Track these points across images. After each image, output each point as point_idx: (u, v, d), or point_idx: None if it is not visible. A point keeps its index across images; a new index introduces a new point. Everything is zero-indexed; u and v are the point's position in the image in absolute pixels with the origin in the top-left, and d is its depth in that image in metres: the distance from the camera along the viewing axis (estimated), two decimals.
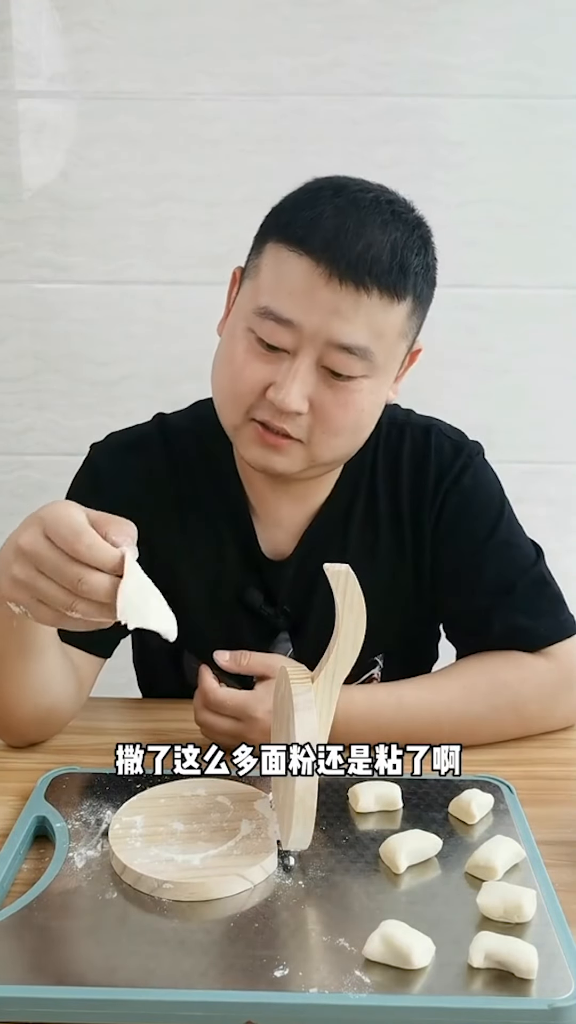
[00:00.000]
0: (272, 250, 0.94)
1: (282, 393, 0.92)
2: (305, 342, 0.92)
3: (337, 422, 0.95)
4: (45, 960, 0.70)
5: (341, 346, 0.92)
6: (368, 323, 0.92)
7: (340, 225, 0.91)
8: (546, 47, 1.73)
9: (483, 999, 0.67)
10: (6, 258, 1.81)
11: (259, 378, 0.94)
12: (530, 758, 1.02)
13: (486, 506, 1.10)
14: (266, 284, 0.94)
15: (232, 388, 0.97)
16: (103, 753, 1.01)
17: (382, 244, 0.91)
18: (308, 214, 0.93)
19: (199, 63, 1.73)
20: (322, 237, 0.91)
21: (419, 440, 1.10)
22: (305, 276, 0.91)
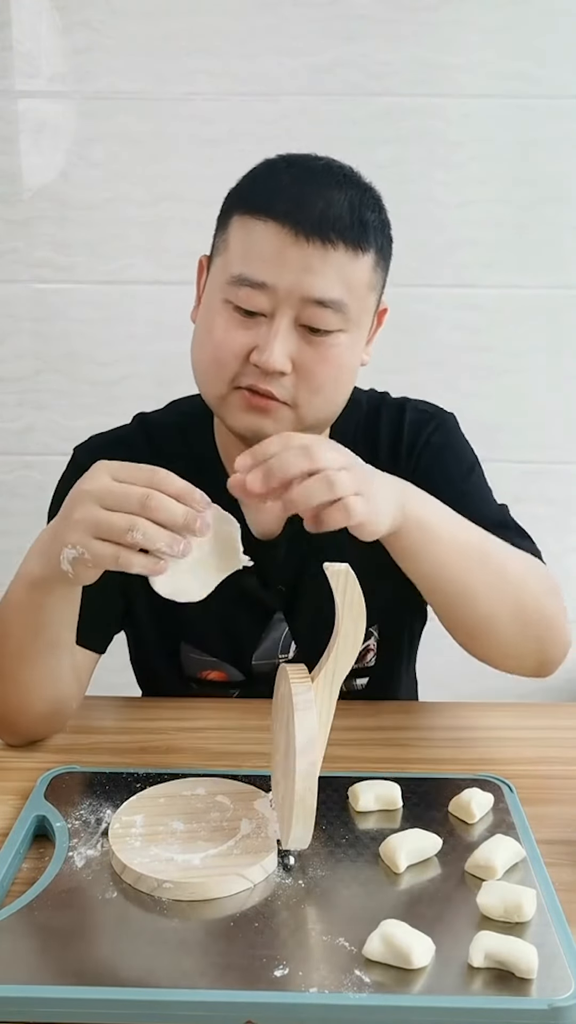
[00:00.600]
0: (237, 222, 0.98)
1: (266, 354, 0.95)
2: (281, 302, 0.95)
3: (319, 378, 0.98)
4: (45, 960, 0.70)
5: (316, 300, 0.95)
6: (338, 276, 0.95)
7: (300, 188, 0.96)
8: (546, 47, 1.73)
9: (483, 999, 0.67)
10: (6, 258, 1.82)
11: (241, 344, 0.97)
12: (530, 758, 1.02)
13: (458, 459, 1.14)
14: (236, 254, 0.97)
15: (215, 357, 0.99)
16: (103, 752, 1.01)
17: (341, 202, 0.96)
18: (268, 184, 0.99)
19: (199, 63, 1.73)
20: (285, 200, 0.95)
21: (394, 415, 1.14)
22: (273, 238, 0.95)
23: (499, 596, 1.00)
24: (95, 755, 1.00)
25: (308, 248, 0.94)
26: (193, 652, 1.16)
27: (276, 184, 0.98)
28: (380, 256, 1.00)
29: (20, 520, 1.93)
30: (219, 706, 1.13)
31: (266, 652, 1.14)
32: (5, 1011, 0.66)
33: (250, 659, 1.14)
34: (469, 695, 1.19)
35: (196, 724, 1.07)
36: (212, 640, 1.15)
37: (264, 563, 1.10)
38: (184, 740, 1.04)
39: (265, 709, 0.93)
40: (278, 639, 1.14)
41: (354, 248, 0.96)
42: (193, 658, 1.16)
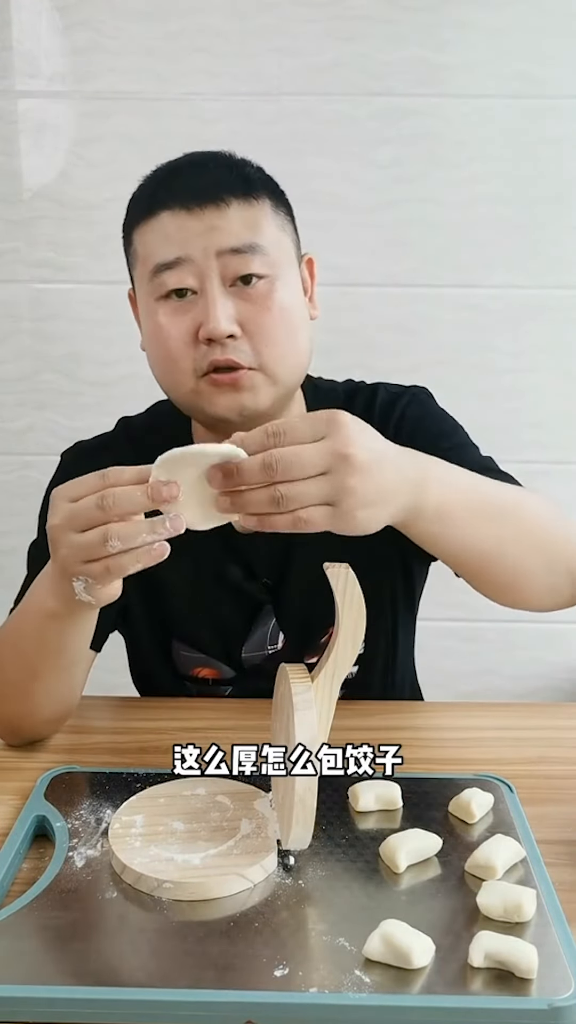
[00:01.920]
0: (136, 235, 1.03)
1: (211, 323, 0.96)
2: (202, 270, 0.97)
3: (268, 328, 0.98)
4: (45, 960, 0.70)
5: (231, 250, 0.97)
6: (242, 223, 0.98)
7: (177, 176, 1.01)
8: (546, 47, 1.73)
9: (483, 999, 0.67)
10: (6, 258, 1.82)
11: (185, 329, 0.98)
12: (530, 757, 1.02)
13: (438, 423, 1.13)
14: (144, 255, 1.01)
15: (169, 352, 0.99)
16: (103, 752, 1.01)
17: (220, 169, 1.01)
18: (146, 191, 1.03)
19: (199, 63, 1.73)
20: (167, 191, 0.99)
21: (368, 397, 1.14)
22: (170, 222, 0.98)
23: (524, 546, 0.96)
24: (95, 755, 1.00)
25: (205, 214, 0.97)
26: (184, 649, 1.16)
27: (154, 187, 1.02)
28: (276, 200, 1.02)
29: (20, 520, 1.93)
30: (218, 706, 1.13)
31: (255, 644, 1.15)
32: (5, 1011, 0.66)
33: (238, 651, 1.15)
34: (469, 695, 1.19)
35: (196, 724, 1.07)
36: (201, 636, 1.15)
37: (248, 555, 1.12)
38: (184, 740, 1.03)
39: (263, 709, 0.93)
40: (266, 631, 1.15)
41: (246, 198, 0.98)
42: (184, 655, 1.17)
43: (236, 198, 0.98)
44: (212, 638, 1.15)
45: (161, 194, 1.00)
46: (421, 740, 1.05)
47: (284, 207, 1.05)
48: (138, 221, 1.02)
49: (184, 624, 1.15)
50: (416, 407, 1.13)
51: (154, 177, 1.05)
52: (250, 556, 1.12)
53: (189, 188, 0.98)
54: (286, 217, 1.04)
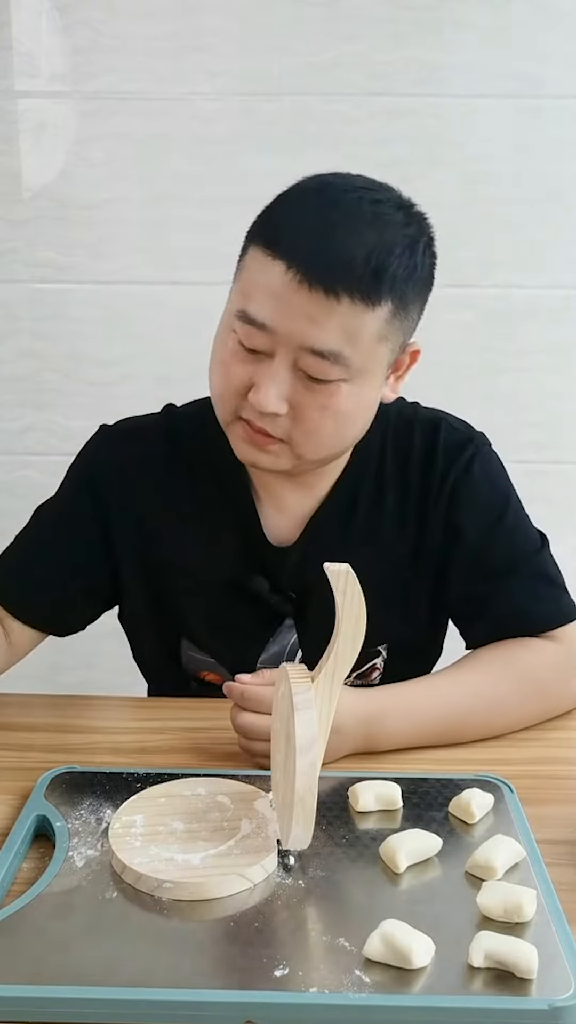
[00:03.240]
0: (252, 253, 0.95)
1: (260, 395, 0.93)
2: (280, 345, 0.93)
3: (315, 423, 0.96)
4: (45, 960, 0.70)
5: (313, 351, 0.92)
6: (341, 328, 0.91)
7: (315, 230, 0.91)
8: (546, 47, 1.73)
9: (483, 999, 0.67)
10: (6, 258, 1.81)
11: (242, 379, 0.96)
12: (530, 758, 1.02)
13: (493, 494, 1.12)
14: (246, 287, 0.95)
15: (220, 388, 0.99)
16: (103, 752, 1.01)
17: (356, 249, 0.91)
18: (287, 218, 0.94)
19: (199, 63, 1.73)
20: (296, 242, 0.91)
21: (428, 434, 1.11)
22: (278, 280, 0.91)
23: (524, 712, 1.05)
24: (95, 755, 1.00)
25: (312, 296, 0.90)
26: (193, 650, 1.16)
27: (294, 219, 0.93)
28: (399, 305, 0.94)
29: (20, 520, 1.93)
30: (219, 706, 1.13)
31: (273, 657, 1.13)
32: (5, 1011, 0.66)
33: (253, 663, 1.13)
34: None
35: (196, 724, 1.07)
36: (212, 640, 1.15)
37: (276, 568, 1.11)
38: (184, 740, 1.04)
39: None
40: (285, 645, 1.13)
41: (363, 301, 0.91)
42: (192, 656, 1.16)
43: (351, 298, 0.90)
44: (226, 645, 1.14)
45: (286, 236, 0.92)
46: None
47: (409, 308, 0.96)
48: (257, 242, 0.95)
49: (198, 627, 1.14)
50: (479, 468, 1.11)
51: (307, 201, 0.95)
52: (278, 569, 1.11)
53: (316, 254, 0.90)
54: (404, 320, 0.96)
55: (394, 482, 1.11)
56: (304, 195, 0.96)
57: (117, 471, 1.12)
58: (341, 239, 0.91)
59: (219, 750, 1.02)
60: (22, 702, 1.16)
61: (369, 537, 1.10)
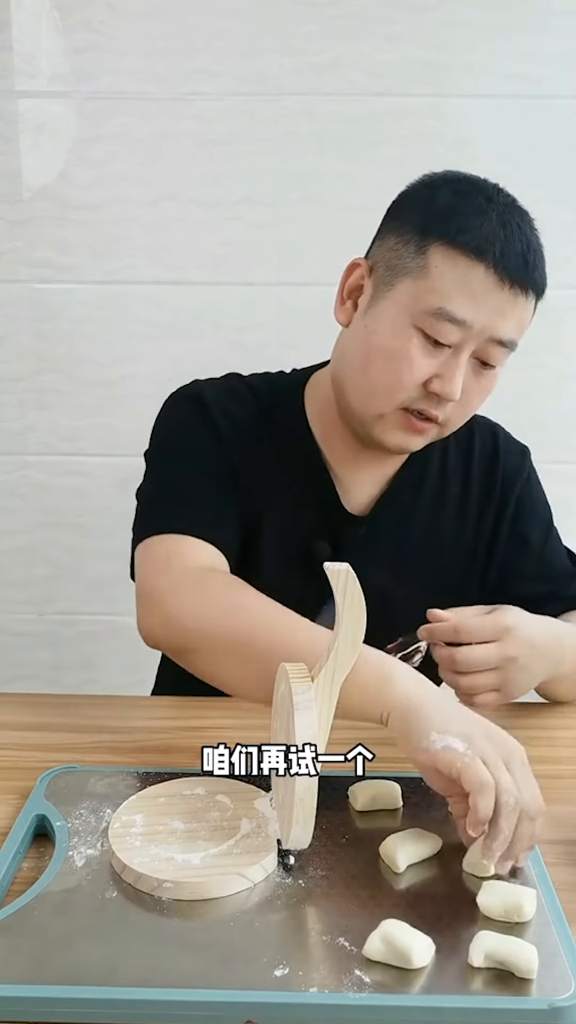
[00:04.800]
0: (441, 253, 1.01)
1: (451, 386, 1.02)
2: (471, 338, 1.02)
3: (474, 404, 1.09)
4: (45, 960, 0.70)
5: (500, 341, 1.03)
6: (518, 319, 1.04)
7: (502, 232, 1.01)
8: (546, 47, 1.73)
9: (483, 999, 0.67)
10: (6, 258, 1.81)
11: (426, 372, 1.03)
12: (530, 757, 1.02)
13: (544, 506, 1.27)
14: (441, 287, 1.01)
15: (397, 381, 1.04)
16: (103, 751, 1.01)
17: (529, 247, 1.03)
18: (473, 220, 1.01)
19: (199, 63, 1.73)
20: (495, 244, 1.00)
21: (488, 439, 1.24)
22: (482, 281, 1.00)
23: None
24: (95, 755, 1.00)
25: (506, 293, 1.01)
26: None
27: (486, 224, 1.01)
28: (540, 295, 1.08)
29: (20, 520, 1.93)
30: (219, 705, 1.13)
31: (325, 622, 1.14)
32: (5, 1011, 0.66)
33: None
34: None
35: (196, 724, 1.07)
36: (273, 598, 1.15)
37: (343, 535, 1.15)
38: (184, 740, 1.04)
39: (265, 709, 0.93)
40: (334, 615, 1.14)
41: (536, 293, 1.05)
42: None
43: (528, 291, 1.03)
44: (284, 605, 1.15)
45: (488, 241, 1.00)
46: None
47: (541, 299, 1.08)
48: (453, 243, 1.01)
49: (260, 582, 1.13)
50: (536, 479, 1.26)
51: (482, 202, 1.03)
52: (345, 536, 1.16)
53: (514, 258, 1.01)
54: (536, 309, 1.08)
55: (456, 475, 1.21)
56: (467, 193, 1.05)
57: (226, 413, 1.14)
58: (520, 240, 1.02)
59: None
60: (22, 702, 1.16)
61: (432, 521, 1.20)
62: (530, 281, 1.03)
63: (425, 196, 1.07)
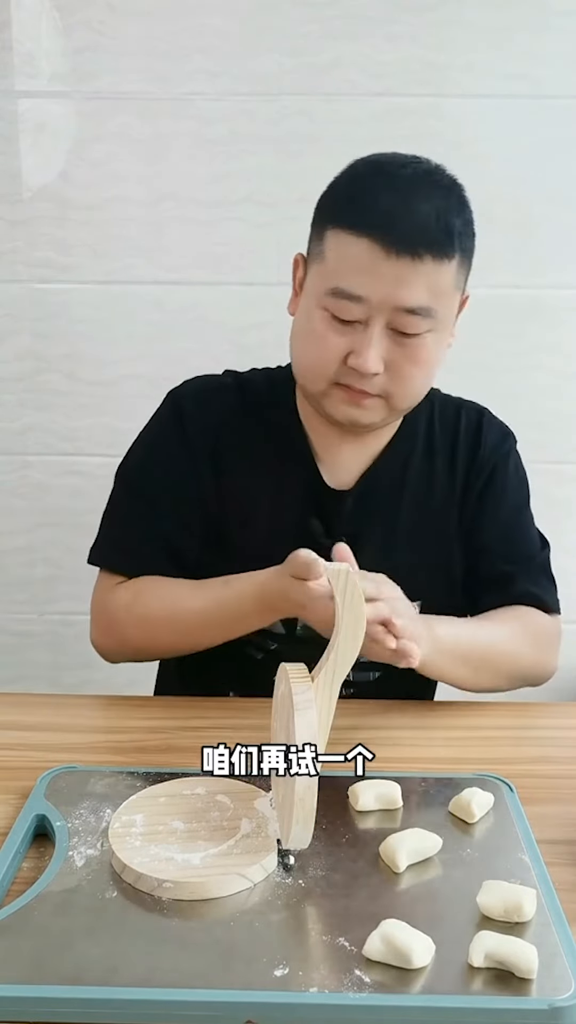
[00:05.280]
0: (333, 236, 1.05)
1: (362, 359, 1.04)
2: (374, 312, 1.04)
3: (408, 375, 1.08)
4: (45, 960, 0.70)
5: (407, 309, 1.03)
6: (426, 285, 1.03)
7: (390, 204, 1.02)
8: (546, 47, 1.73)
9: (483, 999, 0.67)
10: (6, 258, 1.81)
11: (338, 348, 1.06)
12: (530, 757, 1.02)
13: (521, 488, 1.27)
14: (333, 267, 1.05)
15: (316, 359, 1.08)
16: (103, 752, 1.01)
17: (428, 214, 1.03)
18: (359, 199, 1.05)
19: (199, 63, 1.73)
20: (377, 217, 1.02)
21: (474, 418, 1.25)
22: (367, 254, 1.02)
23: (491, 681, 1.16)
24: (95, 755, 1.00)
25: (399, 262, 1.01)
26: None
27: (369, 199, 1.04)
28: (463, 256, 1.07)
29: (20, 520, 1.93)
30: (219, 705, 1.14)
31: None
32: (5, 1011, 0.66)
33: None
34: (469, 695, 1.19)
35: (196, 723, 1.07)
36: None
37: (331, 512, 1.18)
38: (184, 740, 1.04)
39: (264, 708, 0.93)
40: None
41: (440, 257, 1.03)
42: None
43: (432, 255, 1.02)
44: None
45: (367, 215, 1.03)
46: (421, 740, 1.05)
47: (469, 257, 1.09)
48: (339, 224, 1.05)
49: (251, 565, 1.15)
50: (515, 462, 1.26)
51: (374, 181, 1.05)
52: (332, 513, 1.18)
53: (395, 226, 1.01)
54: (466, 270, 1.09)
55: (443, 453, 1.23)
56: (364, 175, 1.07)
57: (203, 419, 1.21)
58: (414, 207, 1.03)
59: None
60: (22, 702, 1.16)
61: (419, 497, 1.21)
62: (432, 245, 1.02)
63: (329, 186, 1.10)
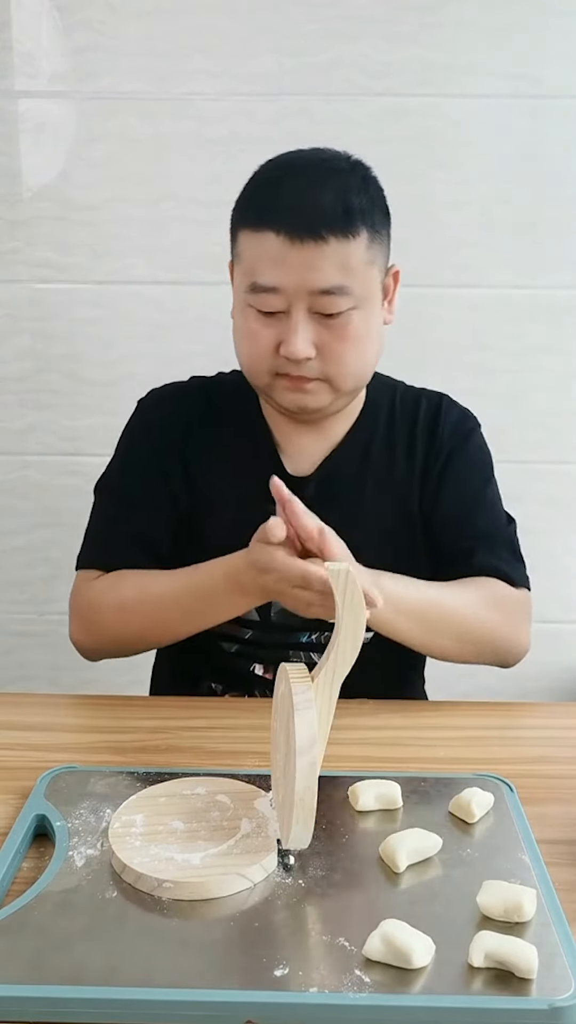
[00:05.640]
0: (243, 236, 1.11)
1: (291, 346, 1.08)
2: (293, 299, 1.08)
3: (340, 354, 1.10)
4: (45, 960, 0.70)
5: (321, 291, 1.07)
6: (335, 265, 1.07)
7: (288, 195, 1.08)
8: (546, 47, 1.73)
9: (483, 999, 0.67)
10: (6, 258, 1.81)
11: (268, 341, 1.10)
12: (530, 757, 1.02)
13: (482, 468, 1.28)
14: (248, 265, 1.10)
15: (252, 354, 1.13)
16: (103, 751, 1.01)
17: (326, 198, 1.07)
18: (263, 196, 1.10)
19: (199, 63, 1.73)
20: (278, 210, 1.07)
21: (433, 403, 1.27)
22: (273, 247, 1.07)
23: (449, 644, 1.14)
24: (95, 755, 1.00)
25: (304, 248, 1.06)
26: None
27: (269, 195, 1.09)
28: (373, 231, 1.10)
29: (20, 520, 1.93)
30: (219, 705, 1.14)
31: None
32: (5, 1011, 0.66)
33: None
34: (467, 695, 1.19)
35: (196, 723, 1.07)
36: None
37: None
38: (184, 740, 1.04)
39: (265, 708, 0.93)
40: None
41: (343, 236, 1.06)
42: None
43: (335, 236, 1.06)
44: None
45: (268, 210, 1.08)
46: (421, 740, 1.05)
47: (381, 231, 1.12)
48: (246, 224, 1.10)
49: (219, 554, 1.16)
50: (475, 441, 1.27)
51: (275, 176, 1.11)
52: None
53: (295, 215, 1.06)
54: (380, 243, 1.11)
55: (403, 440, 1.25)
56: (263, 174, 1.13)
57: (168, 422, 1.25)
58: (312, 194, 1.07)
59: (219, 749, 1.02)
60: (22, 702, 1.16)
61: (382, 484, 1.23)
62: (334, 226, 1.06)
63: (239, 194, 1.15)
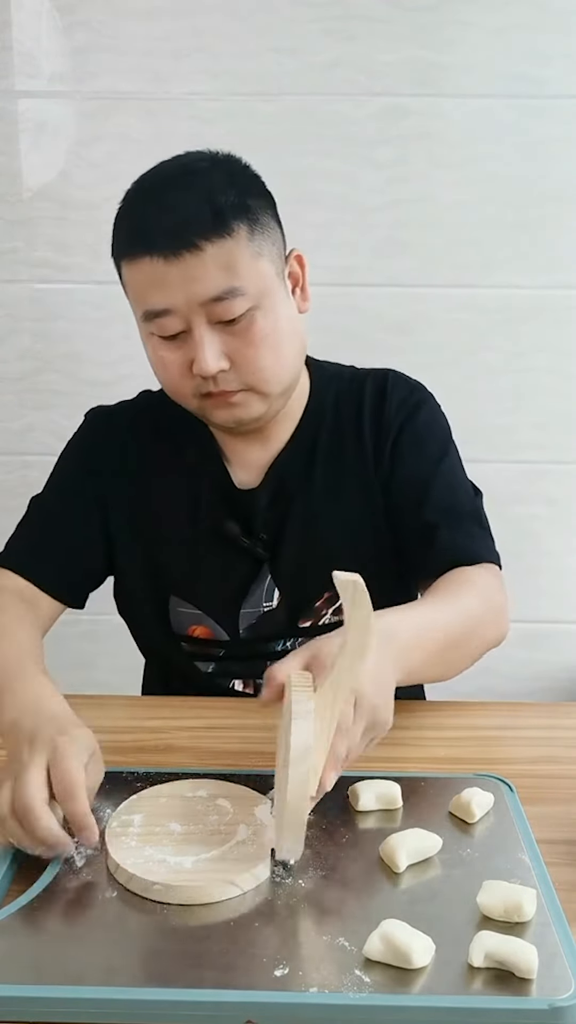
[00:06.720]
0: (124, 268, 1.06)
1: (200, 364, 1.03)
2: (188, 316, 1.03)
3: (254, 357, 1.05)
4: (44, 959, 0.70)
5: (212, 299, 1.01)
6: (218, 269, 1.01)
7: (150, 216, 1.02)
8: (546, 47, 1.73)
9: (483, 999, 0.67)
10: (6, 258, 1.81)
11: (179, 364, 1.06)
12: (530, 757, 1.02)
13: (436, 438, 1.21)
14: (136, 295, 1.06)
15: (170, 380, 1.09)
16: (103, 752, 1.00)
17: (188, 206, 1.01)
18: (129, 224, 1.06)
19: (199, 63, 1.73)
20: (144, 233, 1.02)
21: (378, 383, 1.21)
22: (150, 270, 1.02)
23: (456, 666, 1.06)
24: None
25: (182, 262, 1.00)
26: (181, 605, 1.19)
27: (134, 220, 1.05)
28: (251, 223, 1.03)
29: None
30: (219, 705, 1.14)
31: (253, 602, 1.18)
32: (5, 1011, 0.66)
33: (237, 608, 1.17)
34: (467, 695, 1.19)
35: (196, 723, 1.07)
36: (198, 590, 1.19)
37: (247, 511, 1.18)
38: (184, 739, 1.04)
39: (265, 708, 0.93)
40: (263, 589, 1.18)
41: (219, 237, 1.01)
42: (181, 612, 1.20)
43: (209, 241, 1.00)
44: (210, 593, 1.18)
45: (138, 235, 1.03)
46: (421, 740, 1.05)
47: (260, 221, 1.05)
48: (124, 255, 1.05)
49: (182, 577, 1.18)
50: (426, 413, 1.20)
51: (130, 205, 1.07)
52: (249, 512, 1.18)
53: (163, 232, 1.01)
54: (263, 235, 1.05)
55: (350, 432, 1.19)
56: (127, 200, 1.08)
57: (107, 444, 1.23)
58: (172, 206, 1.02)
59: (219, 749, 1.02)
60: None
61: (332, 485, 1.18)
62: (202, 231, 1.00)
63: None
